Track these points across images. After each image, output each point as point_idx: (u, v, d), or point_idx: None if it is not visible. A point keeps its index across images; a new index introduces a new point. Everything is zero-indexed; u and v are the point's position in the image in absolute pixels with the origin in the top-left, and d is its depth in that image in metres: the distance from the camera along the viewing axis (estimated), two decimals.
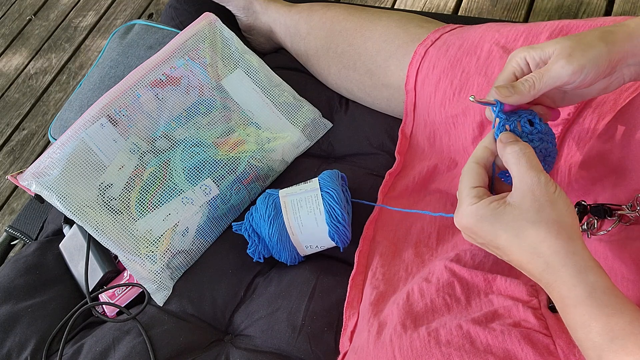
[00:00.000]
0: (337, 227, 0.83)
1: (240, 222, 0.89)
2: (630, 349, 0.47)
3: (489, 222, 0.54)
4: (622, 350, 0.47)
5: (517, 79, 0.60)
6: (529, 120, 0.60)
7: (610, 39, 0.57)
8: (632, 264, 0.58)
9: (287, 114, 1.01)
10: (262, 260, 0.89)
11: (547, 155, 0.61)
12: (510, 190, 0.56)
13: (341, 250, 0.86)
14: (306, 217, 0.83)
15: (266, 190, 0.88)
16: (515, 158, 0.55)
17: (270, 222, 0.84)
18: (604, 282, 0.50)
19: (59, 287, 0.95)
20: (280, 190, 0.87)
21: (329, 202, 0.83)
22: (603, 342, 0.48)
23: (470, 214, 0.55)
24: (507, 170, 0.57)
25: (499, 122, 0.59)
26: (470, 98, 0.59)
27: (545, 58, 0.58)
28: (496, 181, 0.61)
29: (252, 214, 0.87)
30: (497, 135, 0.58)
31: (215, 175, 0.93)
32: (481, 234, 0.56)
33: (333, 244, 0.85)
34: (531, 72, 0.60)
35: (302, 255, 0.87)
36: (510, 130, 0.59)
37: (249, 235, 0.87)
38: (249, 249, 0.88)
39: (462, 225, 0.57)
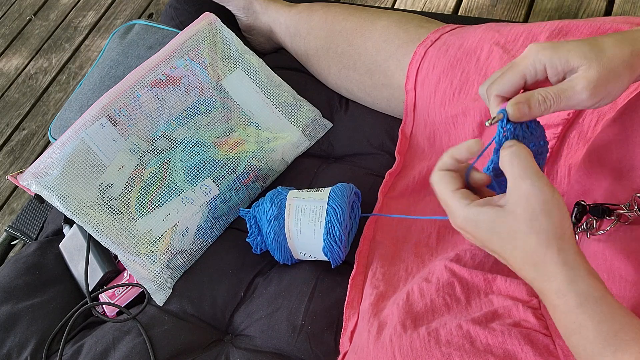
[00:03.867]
0: (332, 245, 0.82)
1: (247, 210, 0.88)
2: (620, 357, 0.47)
3: (484, 228, 0.53)
4: (614, 358, 0.47)
5: (525, 83, 0.56)
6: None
7: (636, 63, 0.54)
8: (630, 263, 0.58)
9: (287, 114, 1.01)
10: (258, 252, 0.89)
11: (539, 154, 0.59)
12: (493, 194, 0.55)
13: (332, 267, 0.85)
14: (306, 226, 0.82)
15: (278, 187, 0.88)
16: (509, 160, 0.53)
17: (271, 221, 0.84)
18: (596, 290, 0.50)
19: (59, 287, 0.95)
20: (290, 192, 0.86)
21: (332, 219, 0.81)
22: (595, 349, 0.48)
23: (467, 218, 0.54)
24: (496, 179, 0.57)
25: (506, 133, 0.55)
26: (486, 124, 0.56)
27: (567, 70, 0.54)
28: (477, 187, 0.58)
29: (258, 205, 0.87)
30: (502, 143, 0.55)
31: (215, 175, 0.93)
32: (478, 237, 0.55)
33: (326, 258, 0.84)
34: (545, 77, 0.55)
35: (295, 258, 0.87)
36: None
37: (250, 225, 0.87)
38: (248, 238, 0.88)
39: (459, 227, 0.56)
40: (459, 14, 1.61)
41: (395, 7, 1.70)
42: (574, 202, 0.64)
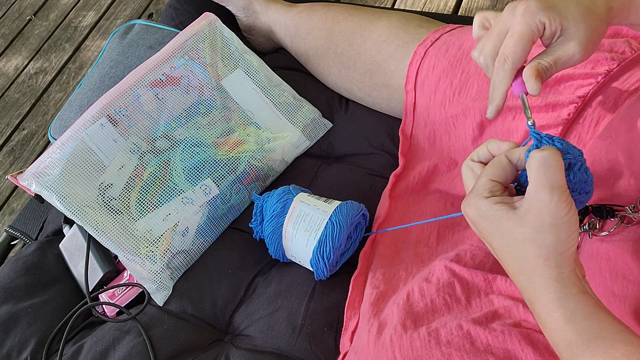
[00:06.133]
0: (319, 261, 0.81)
1: (258, 196, 0.88)
2: None
3: (488, 221, 0.53)
4: None
5: (531, 46, 0.57)
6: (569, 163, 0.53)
7: (610, 20, 0.58)
8: (633, 264, 0.58)
9: (287, 114, 1.01)
10: (257, 239, 0.89)
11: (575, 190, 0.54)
12: None
13: (315, 279, 0.84)
14: (302, 233, 0.82)
15: (291, 186, 0.88)
16: (537, 165, 0.50)
17: (272, 216, 0.84)
18: (586, 307, 0.49)
19: (59, 287, 0.95)
20: (300, 194, 0.86)
21: (327, 235, 0.80)
22: None
23: (475, 206, 0.53)
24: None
25: (533, 143, 0.54)
26: (528, 124, 0.56)
27: (561, 26, 0.56)
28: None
29: (268, 196, 0.87)
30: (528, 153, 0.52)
31: (215, 175, 0.93)
32: (478, 228, 0.54)
33: (311, 269, 0.84)
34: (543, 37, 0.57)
35: (287, 257, 0.87)
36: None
37: (256, 212, 0.87)
38: (251, 224, 0.88)
39: (466, 213, 0.55)
40: (459, 14, 1.61)
41: (395, 7, 1.70)
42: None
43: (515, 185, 0.56)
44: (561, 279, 0.50)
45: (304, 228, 0.82)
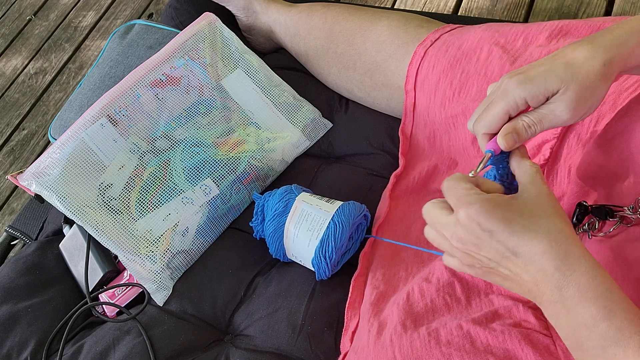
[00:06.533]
0: (321, 260, 0.81)
1: (259, 196, 0.88)
2: (621, 357, 0.47)
3: (504, 209, 0.50)
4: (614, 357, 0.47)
5: (510, 119, 0.57)
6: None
7: (610, 72, 0.56)
8: (632, 264, 0.58)
9: (287, 114, 1.01)
10: (257, 238, 0.89)
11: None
12: None
13: (317, 279, 0.84)
14: (304, 232, 0.82)
15: (293, 185, 0.88)
16: (531, 177, 0.54)
17: (274, 216, 0.84)
18: (612, 283, 0.50)
19: (59, 287, 0.95)
20: (302, 193, 0.86)
21: (330, 234, 0.80)
22: (617, 335, 0.48)
23: (483, 200, 0.51)
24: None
25: (492, 169, 0.59)
26: (470, 174, 0.56)
27: (547, 95, 0.56)
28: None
29: (270, 195, 0.87)
30: (497, 174, 0.59)
31: (215, 175, 0.93)
32: (491, 223, 0.50)
33: (313, 269, 0.84)
34: (527, 106, 0.57)
35: (287, 257, 0.87)
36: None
37: (257, 211, 0.87)
38: (252, 223, 0.88)
39: (468, 214, 0.51)
40: (459, 14, 1.61)
41: (395, 7, 1.70)
42: (574, 203, 0.64)
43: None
44: (586, 254, 0.50)
45: (306, 228, 0.82)
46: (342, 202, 0.84)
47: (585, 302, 0.49)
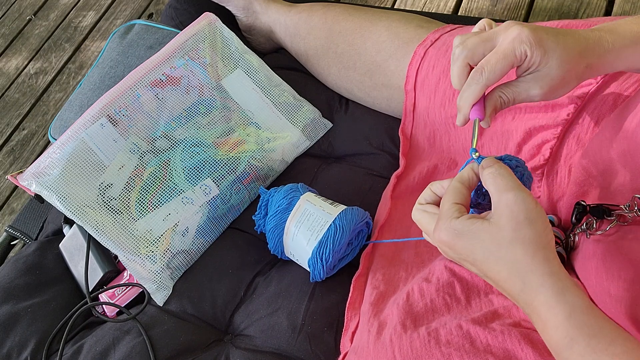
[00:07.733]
0: (317, 262, 0.81)
1: (266, 190, 0.88)
2: None
3: (466, 238, 0.54)
4: None
5: (471, 69, 0.59)
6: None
7: (586, 76, 0.60)
8: (628, 263, 0.58)
9: (287, 114, 1.01)
10: (258, 232, 0.89)
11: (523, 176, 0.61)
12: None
13: (310, 281, 0.84)
14: (304, 232, 0.82)
15: (300, 184, 0.88)
16: (492, 178, 0.54)
17: (277, 212, 0.84)
18: (583, 301, 0.50)
19: (59, 287, 0.95)
20: (307, 193, 0.86)
21: (329, 237, 0.80)
22: None
23: (449, 228, 0.54)
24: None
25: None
26: (471, 150, 0.59)
27: (536, 63, 0.57)
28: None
29: (276, 191, 0.87)
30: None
31: (215, 175, 0.93)
32: (457, 249, 0.55)
33: (308, 269, 0.84)
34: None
35: (285, 255, 0.87)
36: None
37: (261, 205, 0.87)
38: (255, 216, 0.88)
39: (439, 239, 0.56)
40: (459, 14, 1.61)
41: (395, 7, 1.70)
42: (573, 203, 0.65)
43: (471, 209, 0.60)
44: (553, 272, 0.51)
45: (306, 227, 0.82)
46: (346, 207, 0.84)
47: (548, 330, 0.51)
